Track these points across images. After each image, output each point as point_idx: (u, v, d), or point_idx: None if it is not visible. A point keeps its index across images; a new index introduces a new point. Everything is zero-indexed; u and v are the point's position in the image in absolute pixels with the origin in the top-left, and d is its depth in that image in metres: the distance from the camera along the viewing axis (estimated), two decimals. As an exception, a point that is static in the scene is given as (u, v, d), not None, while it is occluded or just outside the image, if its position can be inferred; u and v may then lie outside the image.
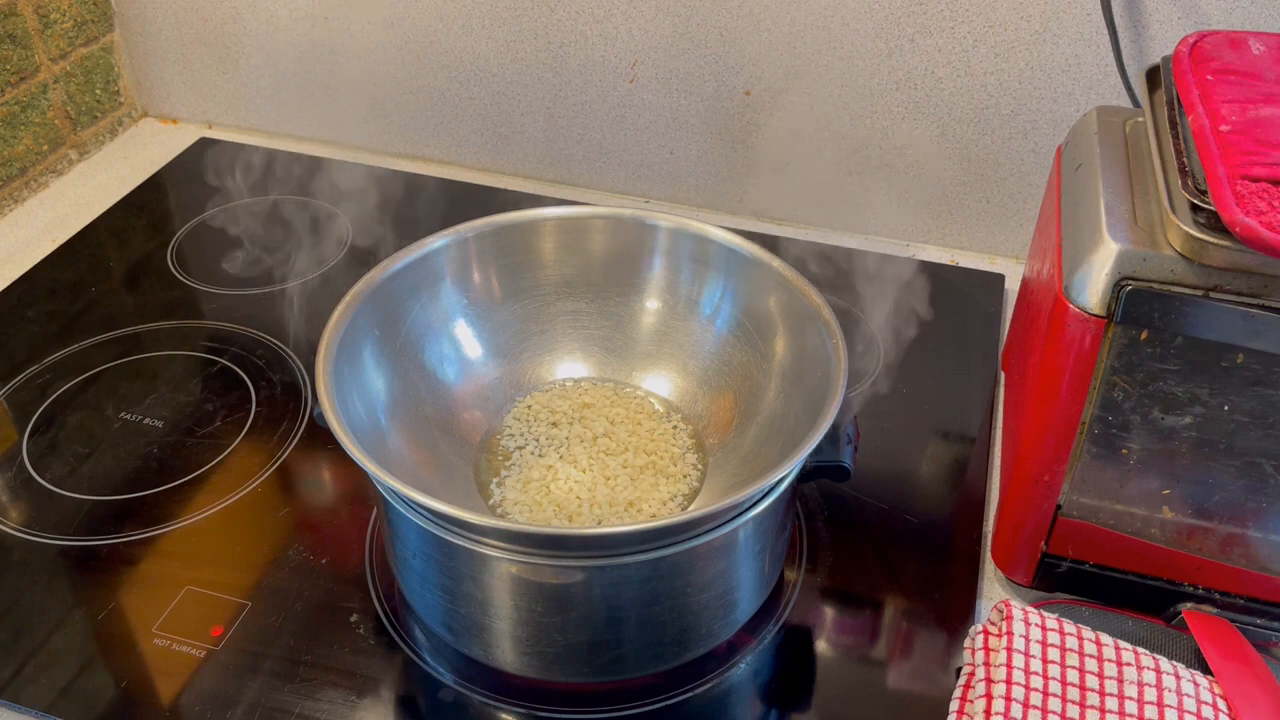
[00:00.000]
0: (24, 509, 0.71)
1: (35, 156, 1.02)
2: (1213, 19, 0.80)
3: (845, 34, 0.88)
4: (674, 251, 0.71)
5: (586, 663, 0.58)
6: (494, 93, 1.01)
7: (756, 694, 0.62)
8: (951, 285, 0.92)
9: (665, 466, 0.67)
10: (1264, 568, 0.61)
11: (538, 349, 0.73)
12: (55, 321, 0.87)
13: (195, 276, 0.92)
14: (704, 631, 0.60)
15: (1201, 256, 0.52)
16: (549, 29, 0.96)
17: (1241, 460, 0.57)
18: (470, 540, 0.53)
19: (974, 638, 0.58)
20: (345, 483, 0.73)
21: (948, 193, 0.94)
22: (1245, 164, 0.51)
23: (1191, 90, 0.58)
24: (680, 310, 0.72)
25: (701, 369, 0.71)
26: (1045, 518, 0.62)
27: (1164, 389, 0.56)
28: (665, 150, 1.00)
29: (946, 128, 0.90)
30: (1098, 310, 0.55)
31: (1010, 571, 0.66)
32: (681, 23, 0.92)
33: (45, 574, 0.67)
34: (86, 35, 1.05)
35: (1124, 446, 0.59)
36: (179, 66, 1.10)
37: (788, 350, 0.66)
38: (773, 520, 0.59)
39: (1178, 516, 0.61)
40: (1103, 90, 0.85)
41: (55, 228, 0.98)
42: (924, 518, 0.71)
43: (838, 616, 0.65)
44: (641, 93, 0.97)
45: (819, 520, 0.71)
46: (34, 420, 0.77)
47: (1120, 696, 0.54)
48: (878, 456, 0.75)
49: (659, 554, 0.53)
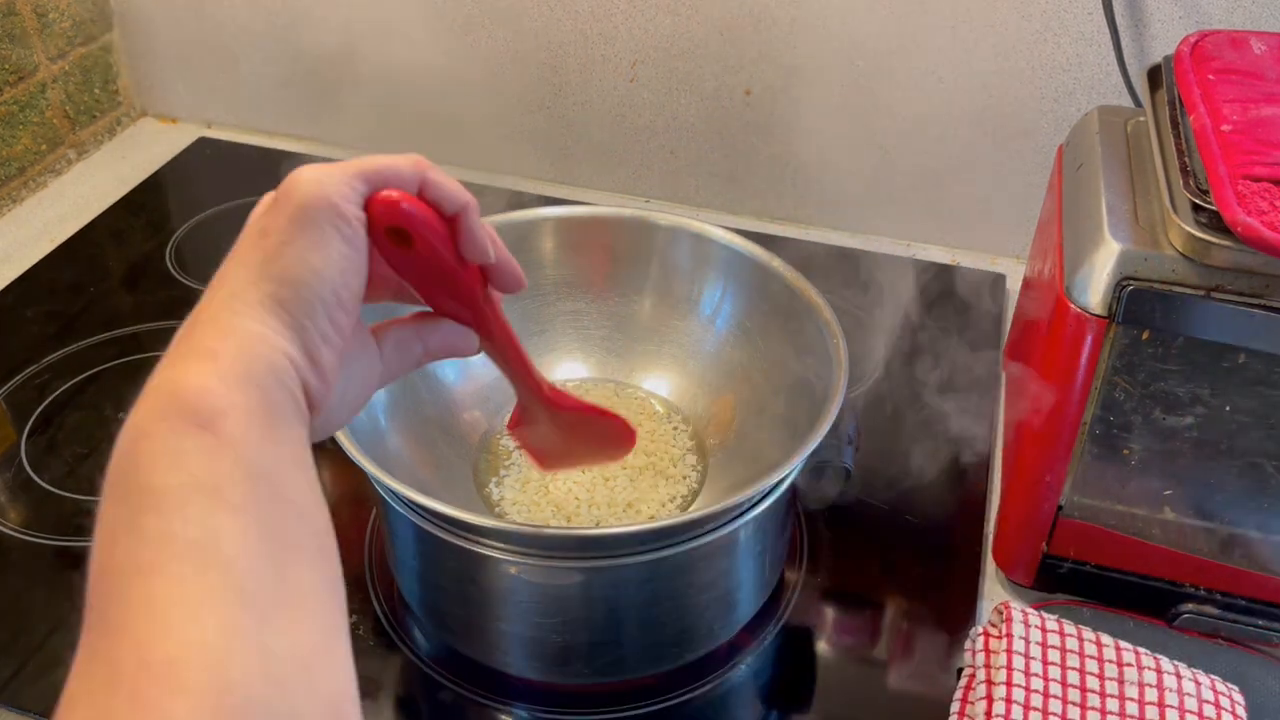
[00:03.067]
0: (22, 509, 0.71)
1: (34, 156, 1.02)
2: (1214, 18, 0.80)
3: (845, 33, 0.88)
4: (674, 251, 0.71)
5: (586, 663, 0.58)
6: (494, 92, 1.01)
7: (757, 695, 0.61)
8: (952, 285, 0.92)
9: (665, 468, 0.67)
10: (1265, 568, 0.61)
11: (538, 349, 0.73)
12: (54, 321, 0.87)
13: (194, 276, 0.92)
14: (704, 632, 0.60)
15: (1203, 256, 0.52)
16: (549, 29, 0.95)
17: (1243, 461, 0.57)
18: (469, 541, 0.53)
19: (974, 639, 0.58)
20: (344, 483, 0.73)
21: (948, 193, 0.94)
22: (1247, 164, 0.51)
23: (1193, 90, 0.58)
24: (680, 310, 0.72)
25: (701, 369, 0.71)
26: (1046, 518, 0.62)
27: (1165, 389, 0.56)
28: (665, 150, 0.99)
29: (947, 127, 0.90)
30: (1099, 310, 0.54)
31: (1011, 572, 0.66)
32: (681, 23, 0.92)
33: (44, 575, 0.66)
34: (85, 35, 1.05)
35: (1125, 447, 0.59)
36: (178, 66, 1.10)
37: (788, 350, 0.66)
38: (773, 521, 0.59)
39: (1179, 517, 0.61)
40: (1104, 90, 0.84)
41: (54, 227, 0.98)
42: (925, 518, 0.71)
43: (838, 617, 0.65)
44: (641, 93, 0.96)
45: (819, 521, 0.71)
46: (32, 420, 0.77)
47: (1121, 697, 0.54)
48: (878, 457, 0.74)
49: (659, 555, 0.52)
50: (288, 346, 0.33)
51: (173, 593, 0.25)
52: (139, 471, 0.28)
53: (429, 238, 0.38)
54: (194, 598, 0.25)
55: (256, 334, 0.32)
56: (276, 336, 0.32)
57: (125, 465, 0.29)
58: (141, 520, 0.27)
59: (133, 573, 0.26)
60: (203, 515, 0.27)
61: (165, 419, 0.29)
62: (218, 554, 0.26)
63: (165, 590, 0.25)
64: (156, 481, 0.28)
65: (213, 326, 0.32)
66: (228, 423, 0.29)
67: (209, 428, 0.29)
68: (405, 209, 0.37)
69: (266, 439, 0.30)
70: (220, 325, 0.32)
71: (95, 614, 0.26)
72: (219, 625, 0.25)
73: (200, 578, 0.26)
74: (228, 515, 0.27)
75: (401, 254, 0.38)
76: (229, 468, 0.28)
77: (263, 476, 0.29)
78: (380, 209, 0.36)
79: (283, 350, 0.32)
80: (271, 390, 0.31)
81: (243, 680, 0.25)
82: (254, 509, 0.28)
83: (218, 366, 0.30)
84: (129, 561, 0.27)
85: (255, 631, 0.26)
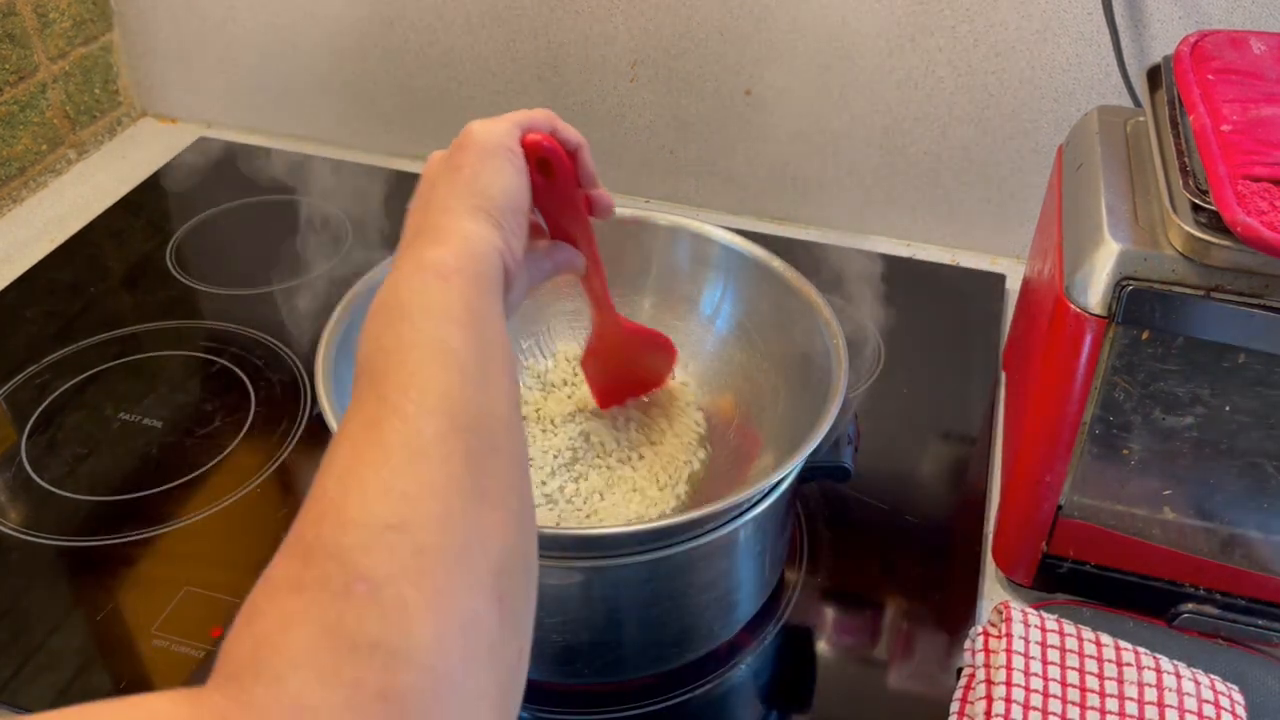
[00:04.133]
0: (23, 509, 0.71)
1: (34, 156, 1.02)
2: (1214, 18, 0.80)
3: (845, 33, 0.88)
4: (674, 251, 0.71)
5: (586, 663, 0.58)
6: (494, 92, 1.01)
7: (757, 695, 0.62)
8: (952, 285, 0.92)
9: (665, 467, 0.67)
10: (1265, 568, 0.61)
11: (538, 349, 0.73)
12: (54, 321, 0.87)
13: (194, 276, 0.92)
14: (704, 632, 0.60)
15: (1203, 256, 0.52)
16: (549, 29, 0.95)
17: (1243, 460, 0.57)
18: (470, 541, 0.53)
19: (974, 639, 0.58)
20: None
21: (948, 193, 0.94)
22: (1246, 164, 0.51)
23: (1193, 90, 0.58)
24: (680, 310, 0.72)
25: (701, 369, 0.71)
26: (1046, 518, 0.62)
27: (1165, 389, 0.56)
28: (665, 150, 0.99)
29: (947, 127, 0.90)
30: (1099, 310, 0.54)
31: (1011, 572, 0.66)
32: (681, 23, 0.92)
33: (44, 575, 0.66)
34: (85, 35, 1.05)
35: (1125, 447, 0.59)
36: (178, 66, 1.10)
37: (788, 350, 0.66)
38: (773, 521, 0.59)
39: (1179, 517, 0.61)
40: (1104, 90, 0.84)
41: (54, 227, 0.98)
42: (924, 518, 0.71)
43: (838, 617, 0.65)
44: (641, 93, 0.97)
45: (819, 521, 0.71)
46: (33, 420, 0.77)
47: (1120, 697, 0.54)
48: (878, 457, 0.74)
49: (659, 555, 0.52)
50: (494, 237, 0.44)
51: (421, 360, 0.37)
52: (399, 297, 0.40)
53: (561, 167, 0.51)
54: (434, 364, 0.37)
55: (472, 230, 0.43)
56: (486, 231, 0.44)
57: (387, 296, 0.40)
58: (398, 325, 0.39)
59: (391, 351, 0.37)
60: (439, 325, 0.39)
61: (416, 273, 0.41)
62: (448, 346, 0.38)
63: (415, 360, 0.37)
64: (410, 303, 0.39)
65: (437, 228, 0.43)
66: (459, 278, 0.41)
67: (446, 278, 0.40)
68: (547, 145, 0.50)
69: (481, 292, 0.41)
70: (442, 227, 0.43)
71: (363, 380, 0.38)
72: (450, 380, 0.37)
73: (437, 356, 0.37)
74: (455, 327, 0.39)
75: (543, 180, 0.50)
76: (458, 301, 0.40)
77: (477, 313, 0.40)
78: (531, 146, 0.49)
79: (490, 240, 0.44)
80: (485, 264, 0.43)
81: (464, 410, 0.36)
82: (471, 329, 0.39)
83: (450, 248, 0.42)
84: (389, 346, 0.38)
85: (474, 391, 0.37)
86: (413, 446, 0.34)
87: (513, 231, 0.45)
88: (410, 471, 0.33)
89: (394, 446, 0.34)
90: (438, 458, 0.34)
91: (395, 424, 0.35)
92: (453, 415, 0.36)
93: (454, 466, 0.34)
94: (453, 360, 0.37)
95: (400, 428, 0.35)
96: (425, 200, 0.46)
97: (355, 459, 0.34)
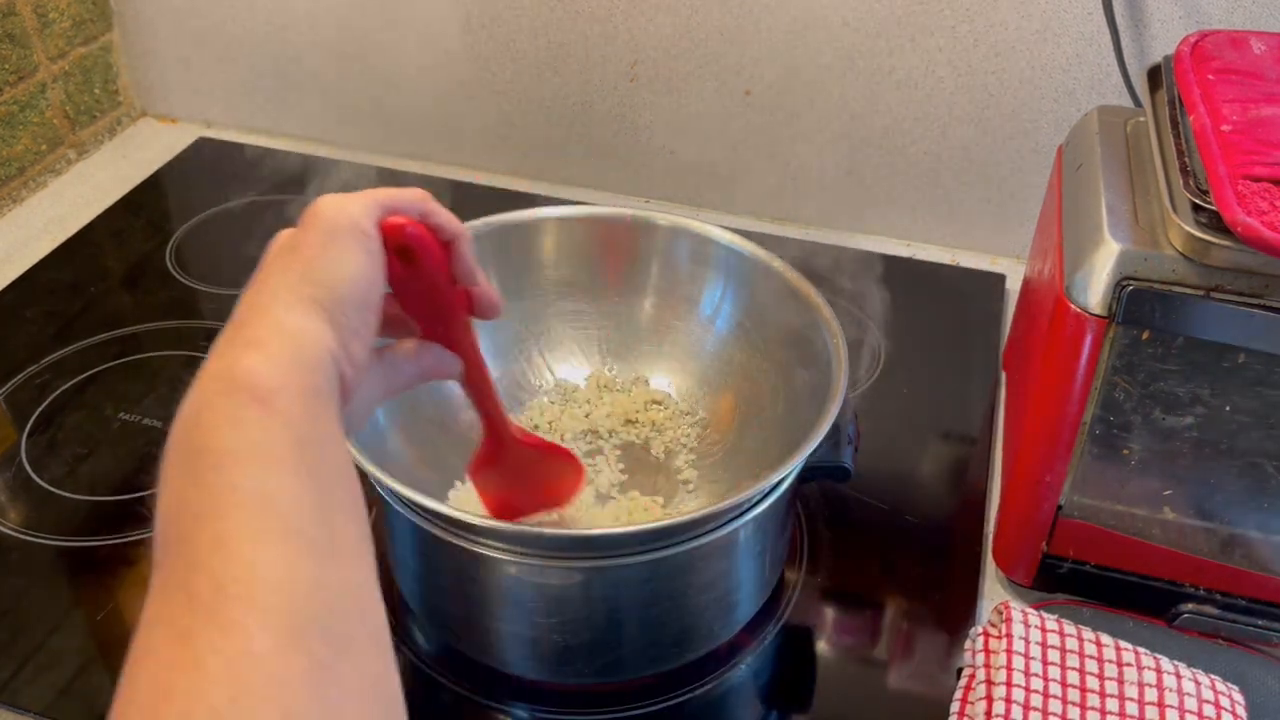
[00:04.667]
0: (22, 509, 0.71)
1: (34, 156, 1.02)
2: (1214, 18, 0.80)
3: (845, 33, 0.88)
4: (674, 251, 0.71)
5: (586, 663, 0.58)
6: (494, 92, 1.01)
7: (757, 695, 0.62)
8: (952, 285, 0.92)
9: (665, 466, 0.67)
10: (1265, 568, 0.61)
11: (537, 349, 0.73)
12: (54, 321, 0.87)
13: (194, 276, 0.92)
14: (704, 632, 0.60)
15: (1203, 256, 0.52)
16: (549, 29, 0.95)
17: (1243, 461, 0.57)
18: (469, 541, 0.53)
19: (974, 639, 0.58)
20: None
21: (948, 193, 0.94)
22: (1247, 164, 0.51)
23: (1193, 90, 0.58)
24: (680, 310, 0.72)
25: (701, 369, 0.71)
26: (1046, 518, 0.62)
27: (1165, 389, 0.56)
28: (665, 150, 0.99)
29: (947, 127, 0.90)
30: (1099, 310, 0.54)
31: (1011, 572, 0.66)
32: (681, 23, 0.92)
33: (44, 575, 0.66)
34: (85, 35, 1.05)
35: (1125, 447, 0.59)
36: (178, 66, 1.10)
37: (788, 350, 0.66)
38: (773, 521, 0.59)
39: (1179, 517, 0.61)
40: (1104, 90, 0.84)
41: (54, 227, 0.98)
42: (925, 518, 0.71)
43: (838, 617, 0.65)
44: (641, 93, 0.96)
45: (819, 521, 0.71)
46: (33, 420, 0.77)
47: (1120, 697, 0.54)
48: (878, 457, 0.74)
49: (659, 555, 0.52)
50: (327, 339, 0.37)
51: (240, 532, 0.29)
52: (203, 436, 0.32)
53: (428, 257, 0.43)
54: (259, 537, 0.29)
55: (301, 327, 0.36)
56: (318, 330, 0.37)
57: (189, 431, 0.33)
58: (207, 476, 0.31)
59: (202, 517, 0.30)
60: (261, 472, 0.31)
61: (225, 395, 0.33)
62: (275, 504, 0.30)
63: (233, 530, 0.29)
64: (219, 444, 0.32)
65: (260, 323, 0.36)
66: (280, 399, 0.33)
67: (264, 402, 0.33)
68: (411, 231, 0.42)
69: (312, 415, 0.34)
70: (267, 322, 0.36)
71: (166, 555, 0.30)
72: (283, 559, 0.29)
73: (262, 522, 0.30)
74: (283, 474, 0.31)
75: (405, 272, 0.43)
76: (282, 435, 0.32)
77: (310, 444, 0.33)
78: (390, 230, 0.42)
79: (323, 342, 0.37)
80: (315, 374, 0.36)
81: (306, 604, 0.29)
82: (304, 470, 0.32)
83: (269, 353, 0.35)
84: (197, 509, 0.30)
85: (313, 567, 0.30)
86: (237, 671, 0.27)
87: (353, 330, 0.38)
88: (235, 711, 0.26)
89: (213, 675, 0.27)
90: (273, 682, 0.27)
91: (213, 638, 0.27)
92: (290, 613, 0.28)
93: (294, 691, 0.27)
94: (283, 526, 0.30)
95: (221, 645, 0.27)
96: (256, 284, 0.39)
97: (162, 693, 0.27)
